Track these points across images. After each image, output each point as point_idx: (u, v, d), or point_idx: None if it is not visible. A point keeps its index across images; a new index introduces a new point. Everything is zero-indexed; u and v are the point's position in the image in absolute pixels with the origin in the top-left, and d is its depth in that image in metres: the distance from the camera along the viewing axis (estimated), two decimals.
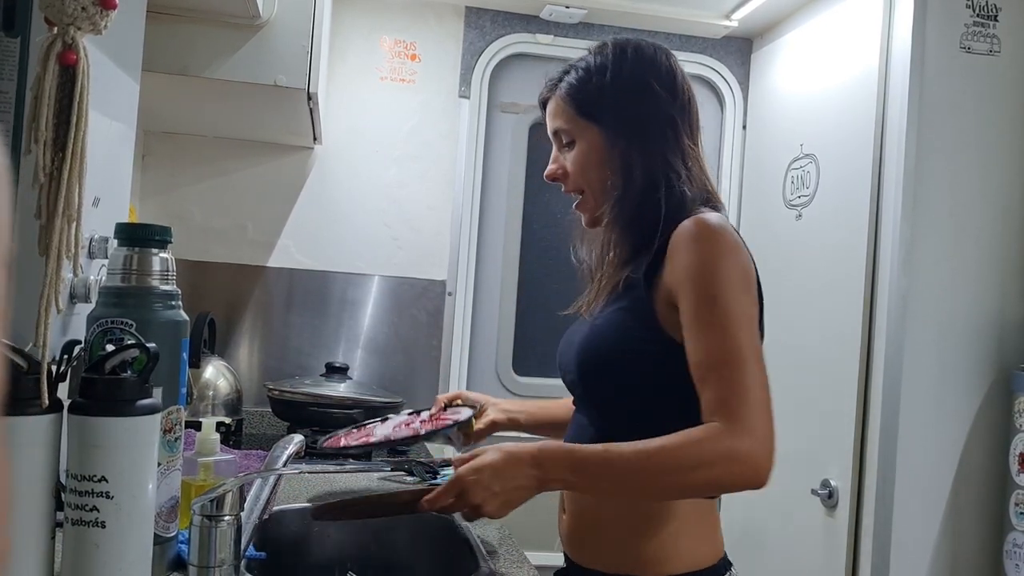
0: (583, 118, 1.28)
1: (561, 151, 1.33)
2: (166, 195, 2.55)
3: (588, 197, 1.30)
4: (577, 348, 1.26)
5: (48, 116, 0.82)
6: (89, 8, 0.83)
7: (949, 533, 1.96)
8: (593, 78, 1.28)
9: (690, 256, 1.14)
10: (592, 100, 1.28)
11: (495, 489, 1.06)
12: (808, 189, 2.35)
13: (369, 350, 2.65)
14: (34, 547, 0.87)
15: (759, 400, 1.07)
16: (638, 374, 1.20)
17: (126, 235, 1.04)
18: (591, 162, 1.28)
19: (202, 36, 1.81)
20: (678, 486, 1.11)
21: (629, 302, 1.21)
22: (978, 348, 1.98)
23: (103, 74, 1.07)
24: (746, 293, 1.14)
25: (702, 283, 1.12)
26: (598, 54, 1.30)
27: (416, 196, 2.68)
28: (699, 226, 1.16)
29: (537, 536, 1.77)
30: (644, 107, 1.27)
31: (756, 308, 1.16)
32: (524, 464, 1.07)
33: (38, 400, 0.87)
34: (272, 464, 1.18)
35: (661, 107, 1.27)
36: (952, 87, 1.99)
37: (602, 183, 1.27)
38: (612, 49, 1.30)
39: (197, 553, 1.00)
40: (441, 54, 2.70)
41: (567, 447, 1.13)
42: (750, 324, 1.12)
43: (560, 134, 1.31)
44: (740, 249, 1.17)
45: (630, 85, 1.27)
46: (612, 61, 1.29)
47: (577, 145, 1.29)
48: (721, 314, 1.10)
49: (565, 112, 1.29)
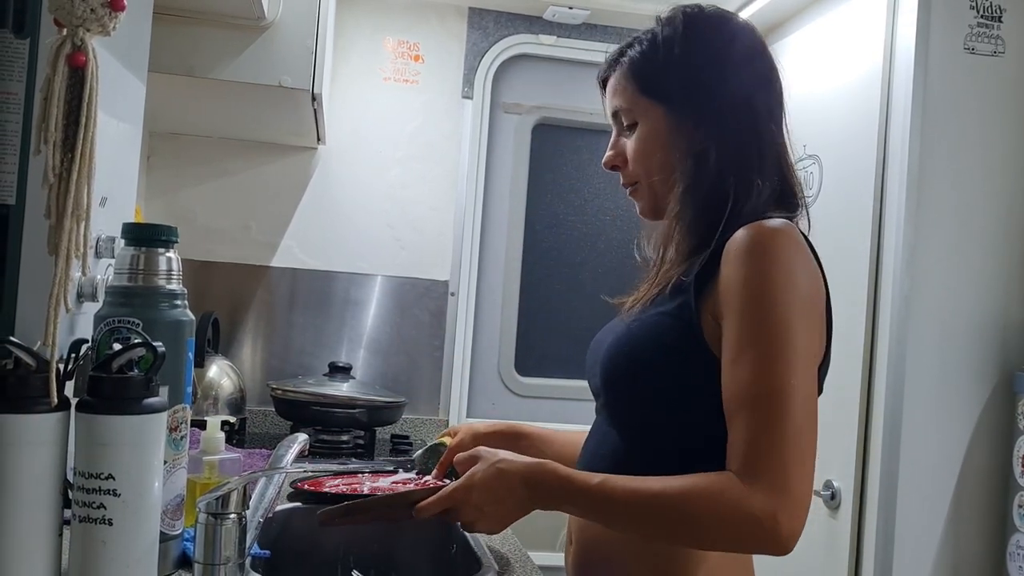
0: (647, 96, 1.14)
1: (622, 135, 1.18)
2: (171, 195, 2.56)
3: (643, 186, 1.16)
4: (606, 351, 1.12)
5: (57, 117, 0.83)
6: (98, 10, 0.84)
7: (952, 535, 1.96)
8: (660, 51, 1.14)
9: (741, 270, 0.98)
10: (658, 76, 1.13)
11: (486, 509, 1.00)
12: (811, 190, 2.35)
13: (372, 350, 2.65)
14: (42, 544, 0.87)
15: (794, 452, 0.91)
16: (668, 388, 1.05)
17: (133, 235, 1.05)
18: (653, 146, 1.13)
19: (207, 37, 1.82)
20: (684, 539, 0.99)
21: (673, 308, 1.05)
22: (982, 350, 1.98)
23: (110, 75, 1.08)
24: (804, 318, 0.98)
25: (751, 303, 0.96)
26: (667, 24, 1.16)
27: (419, 196, 2.69)
28: (756, 235, 0.99)
29: (540, 537, 1.77)
30: (718, 84, 1.12)
31: (816, 337, 1.01)
32: (515, 484, 1.00)
33: (46, 398, 0.87)
34: (276, 463, 1.18)
35: (738, 84, 1.13)
36: (956, 88, 1.99)
37: (665, 170, 1.12)
38: (683, 19, 1.15)
39: (202, 550, 1.01)
40: (444, 55, 2.70)
41: (561, 474, 1.00)
42: (802, 357, 0.95)
43: (620, 115, 1.17)
44: (803, 265, 1.01)
45: (702, 59, 1.13)
46: (682, 32, 1.14)
47: (639, 127, 1.15)
48: (767, 342, 0.94)
49: (626, 90, 1.15)
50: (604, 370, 1.12)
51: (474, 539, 1.47)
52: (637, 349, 1.07)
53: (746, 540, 0.92)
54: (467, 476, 1.02)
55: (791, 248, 1.00)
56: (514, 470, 1.00)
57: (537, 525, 1.63)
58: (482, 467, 1.02)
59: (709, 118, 1.11)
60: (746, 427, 0.93)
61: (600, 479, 0.97)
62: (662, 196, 1.14)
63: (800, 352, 0.95)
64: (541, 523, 1.34)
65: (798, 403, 0.93)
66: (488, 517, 1.01)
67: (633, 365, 1.08)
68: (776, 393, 0.92)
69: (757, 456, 0.91)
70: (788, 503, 0.90)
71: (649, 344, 1.06)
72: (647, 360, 1.06)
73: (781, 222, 1.03)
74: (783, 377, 0.93)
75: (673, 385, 1.05)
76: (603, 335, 1.19)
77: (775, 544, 0.90)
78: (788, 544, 0.91)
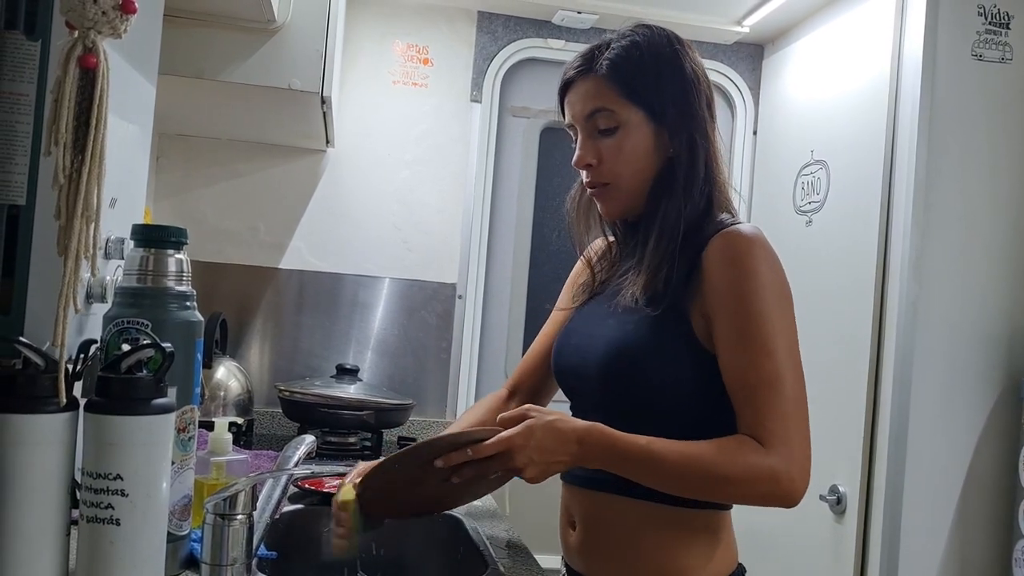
0: (630, 101, 1.18)
1: (592, 137, 1.21)
2: (180, 197, 2.57)
3: (615, 188, 1.22)
4: (603, 355, 1.19)
5: (68, 118, 0.83)
6: (109, 12, 0.84)
7: (958, 540, 1.95)
8: (645, 57, 1.19)
9: (727, 275, 1.12)
10: (643, 81, 1.18)
11: (537, 458, 1.05)
12: (818, 195, 2.35)
13: (379, 352, 2.66)
14: (49, 544, 0.88)
15: (797, 421, 1.08)
16: (672, 383, 1.15)
17: (142, 236, 1.05)
18: (635, 150, 1.19)
19: (218, 40, 1.83)
20: (713, 494, 1.14)
21: (663, 311, 1.15)
22: (988, 355, 1.97)
23: (121, 77, 1.09)
24: (784, 309, 1.13)
25: (738, 301, 1.11)
26: (646, 33, 1.21)
27: (427, 199, 2.70)
28: (736, 241, 1.14)
29: (542, 538, 1.77)
30: (689, 93, 1.20)
31: (794, 325, 1.14)
32: (570, 441, 1.07)
33: (55, 398, 0.88)
34: (284, 464, 1.19)
35: (699, 93, 1.21)
36: (964, 94, 1.99)
37: (643, 176, 1.20)
38: (645, 30, 1.22)
39: (210, 551, 1.01)
40: (453, 58, 2.71)
41: (611, 435, 1.09)
42: (788, 341, 1.11)
43: (598, 117, 1.19)
44: (777, 262, 1.15)
45: (674, 69, 1.20)
46: (652, 41, 1.20)
47: (621, 131, 1.19)
48: (759, 333, 1.10)
49: (610, 93, 1.18)
50: (604, 372, 1.19)
51: (480, 540, 1.47)
52: (641, 347, 1.16)
53: (767, 494, 1.07)
54: (525, 426, 1.06)
55: (765, 251, 1.14)
56: (571, 426, 1.09)
57: (544, 527, 1.63)
58: (540, 421, 1.07)
59: (682, 128, 1.19)
60: (755, 407, 1.09)
61: (646, 441, 1.08)
62: (634, 198, 1.22)
63: (785, 337, 1.11)
64: (547, 525, 1.34)
65: (790, 384, 1.09)
66: (536, 465, 1.06)
67: (638, 361, 1.16)
68: (775, 375, 1.09)
69: (771, 428, 1.07)
70: (797, 463, 1.07)
71: (649, 342, 1.15)
72: (649, 357, 1.15)
73: (752, 228, 1.16)
74: (777, 359, 1.09)
75: (674, 376, 1.15)
76: (584, 337, 1.25)
77: (788, 497, 1.07)
78: (798, 498, 1.07)
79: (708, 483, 1.09)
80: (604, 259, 1.35)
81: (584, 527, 1.24)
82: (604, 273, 1.33)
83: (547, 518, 1.35)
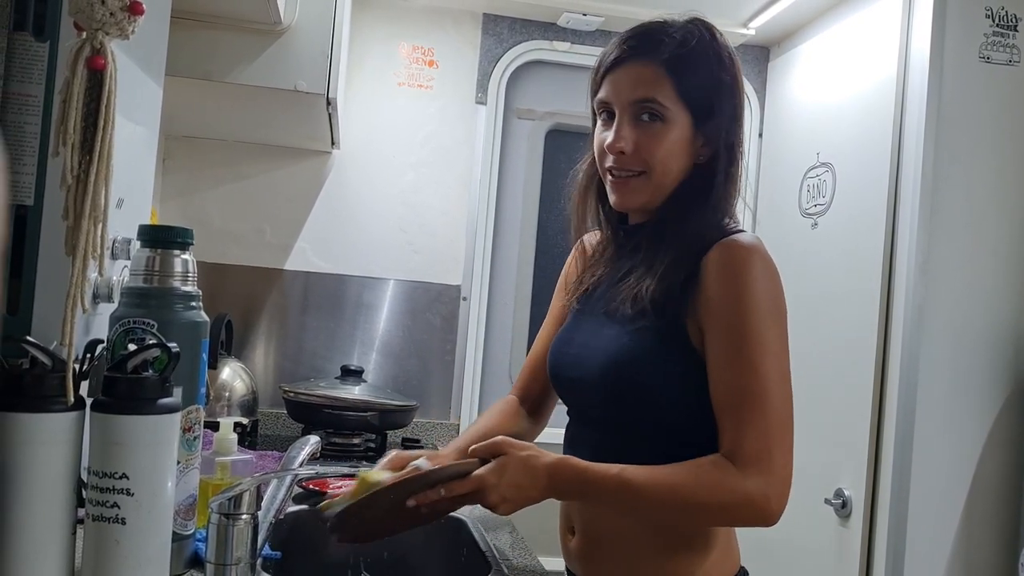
0: (681, 98, 1.16)
1: (632, 123, 1.18)
2: (186, 198, 2.57)
3: (645, 181, 1.18)
4: (603, 364, 1.18)
5: (76, 119, 0.84)
6: (117, 14, 0.85)
7: (963, 544, 1.95)
8: (710, 61, 1.17)
9: (723, 288, 1.10)
10: (700, 84, 1.17)
11: (509, 495, 1.06)
12: (824, 198, 2.35)
13: (384, 353, 2.66)
14: (55, 543, 0.88)
15: (779, 440, 1.07)
16: (672, 396, 1.14)
17: (149, 237, 1.05)
18: (674, 150, 1.18)
19: (224, 42, 1.83)
20: (690, 520, 1.15)
21: (664, 324, 1.14)
22: (994, 358, 1.97)
23: (128, 78, 1.09)
24: (776, 327, 1.11)
25: (731, 315, 1.09)
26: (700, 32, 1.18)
27: (432, 201, 2.70)
28: (733, 253, 1.12)
29: (546, 541, 1.77)
30: (738, 108, 1.21)
31: (786, 340, 1.13)
32: (540, 476, 1.07)
33: (62, 398, 0.88)
34: (288, 464, 1.19)
35: (743, 109, 1.22)
36: (971, 97, 1.98)
37: (672, 177, 1.19)
38: (706, 33, 1.19)
39: (214, 551, 1.01)
40: (458, 60, 2.71)
41: (581, 468, 1.08)
42: (777, 359, 1.09)
43: (650, 105, 1.16)
44: (773, 275, 1.13)
45: (733, 82, 1.20)
46: (716, 48, 1.18)
47: (665, 126, 1.16)
48: (747, 348, 1.08)
49: (664, 85, 1.15)
50: (604, 385, 1.18)
51: (484, 542, 1.47)
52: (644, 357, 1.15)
53: (744, 517, 1.07)
54: (498, 463, 1.07)
55: (763, 263, 1.12)
56: (540, 462, 1.08)
57: (547, 530, 1.63)
58: (513, 457, 1.08)
59: (720, 139, 1.19)
60: (738, 423, 1.07)
61: (617, 470, 1.07)
62: (657, 195, 1.20)
63: (774, 353, 1.10)
64: (551, 528, 1.34)
65: (775, 402, 1.08)
66: (509, 502, 1.07)
67: (641, 372, 1.15)
68: (760, 392, 1.07)
69: (747, 447, 1.06)
70: (775, 484, 1.05)
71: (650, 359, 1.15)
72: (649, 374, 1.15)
73: (752, 238, 1.15)
74: (764, 375, 1.08)
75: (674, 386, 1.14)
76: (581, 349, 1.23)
77: (766, 519, 1.06)
78: (776, 518, 1.06)
79: (683, 511, 1.08)
80: (599, 256, 1.32)
81: (583, 533, 1.24)
82: (600, 271, 1.30)
83: (551, 521, 1.35)
